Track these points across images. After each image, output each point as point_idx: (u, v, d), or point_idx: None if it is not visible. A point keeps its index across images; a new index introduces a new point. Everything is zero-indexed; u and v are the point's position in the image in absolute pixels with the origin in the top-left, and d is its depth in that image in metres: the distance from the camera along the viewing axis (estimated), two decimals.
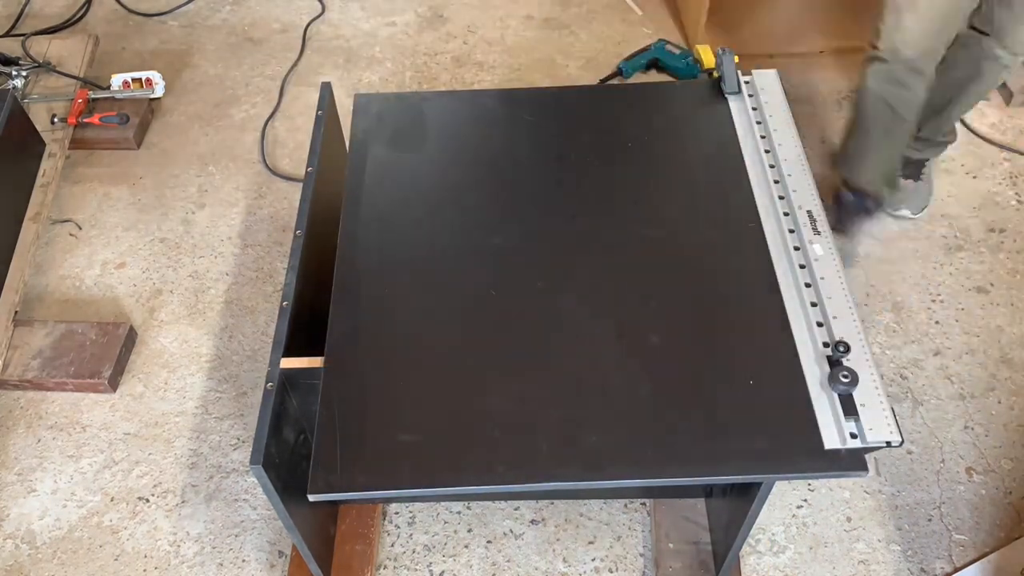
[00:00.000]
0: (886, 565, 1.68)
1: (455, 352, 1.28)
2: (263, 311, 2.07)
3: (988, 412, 1.88)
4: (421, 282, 1.37)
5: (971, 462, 1.81)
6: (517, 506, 1.75)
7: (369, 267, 1.38)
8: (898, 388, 1.91)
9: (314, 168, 1.52)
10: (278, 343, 1.31)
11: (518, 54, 2.67)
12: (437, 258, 1.40)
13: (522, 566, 1.68)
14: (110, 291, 2.12)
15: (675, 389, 1.22)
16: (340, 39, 2.74)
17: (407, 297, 1.35)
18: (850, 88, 2.52)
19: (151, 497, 1.79)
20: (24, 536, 1.74)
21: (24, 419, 1.90)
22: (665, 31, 2.72)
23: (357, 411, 1.21)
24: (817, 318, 1.28)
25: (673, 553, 1.65)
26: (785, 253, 1.36)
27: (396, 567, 1.69)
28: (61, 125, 2.31)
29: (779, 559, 1.69)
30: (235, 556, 1.71)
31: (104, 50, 2.64)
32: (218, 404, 1.92)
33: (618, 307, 1.32)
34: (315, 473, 1.15)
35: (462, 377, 1.25)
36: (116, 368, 1.93)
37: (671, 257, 1.38)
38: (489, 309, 1.32)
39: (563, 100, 1.66)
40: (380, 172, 1.51)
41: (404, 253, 1.40)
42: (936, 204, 2.24)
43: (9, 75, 2.36)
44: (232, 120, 2.51)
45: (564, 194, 1.47)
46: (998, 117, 2.44)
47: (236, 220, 2.26)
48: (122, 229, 2.25)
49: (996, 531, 1.71)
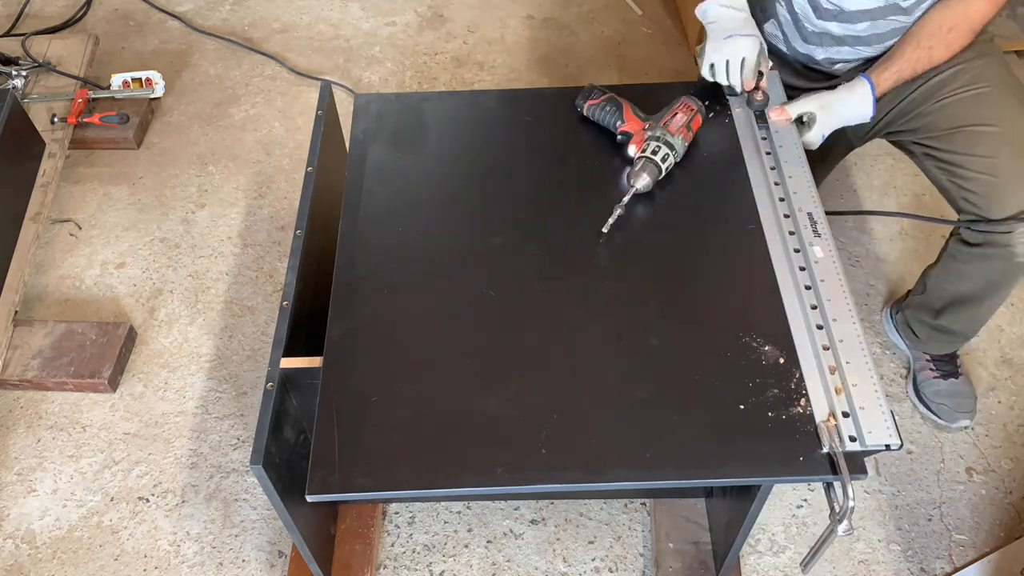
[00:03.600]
0: (886, 565, 1.68)
1: (454, 353, 1.28)
2: (263, 311, 2.07)
3: (988, 412, 1.88)
4: (420, 282, 1.37)
5: (971, 462, 1.81)
6: (517, 506, 1.75)
7: (368, 267, 1.38)
8: (898, 388, 1.91)
9: (314, 168, 1.52)
10: (278, 343, 1.31)
11: (518, 54, 2.67)
12: (436, 258, 1.40)
13: (522, 566, 1.68)
14: (110, 291, 2.12)
15: (675, 391, 1.22)
16: (340, 39, 2.74)
17: (406, 297, 1.35)
18: None
19: (151, 497, 1.79)
20: (24, 536, 1.74)
21: (24, 419, 1.90)
22: (665, 31, 2.72)
23: (356, 411, 1.21)
24: (817, 321, 1.28)
25: (673, 553, 1.65)
26: (785, 255, 1.36)
27: (396, 567, 1.69)
28: (61, 125, 2.31)
29: (779, 559, 1.69)
30: (235, 556, 1.71)
31: (104, 50, 2.64)
32: (218, 404, 1.92)
33: (618, 308, 1.32)
34: (313, 473, 1.15)
35: (461, 378, 1.25)
36: (116, 368, 1.93)
37: (672, 258, 1.38)
38: (488, 310, 1.32)
39: (563, 100, 1.66)
40: (380, 172, 1.51)
41: (403, 253, 1.40)
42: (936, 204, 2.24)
43: (9, 75, 2.36)
44: (232, 120, 2.51)
45: (564, 195, 1.47)
46: None
47: (236, 220, 2.26)
48: (122, 229, 2.25)
49: (996, 531, 1.71)
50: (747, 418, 1.18)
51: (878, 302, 2.05)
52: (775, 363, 1.24)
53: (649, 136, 1.44)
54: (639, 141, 1.45)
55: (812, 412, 1.18)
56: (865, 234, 2.18)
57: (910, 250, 2.15)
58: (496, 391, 1.23)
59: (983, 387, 1.91)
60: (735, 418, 1.19)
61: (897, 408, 1.88)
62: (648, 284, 1.35)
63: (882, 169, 2.33)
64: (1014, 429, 1.85)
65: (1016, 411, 1.88)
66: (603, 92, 1.51)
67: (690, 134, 1.46)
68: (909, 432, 1.85)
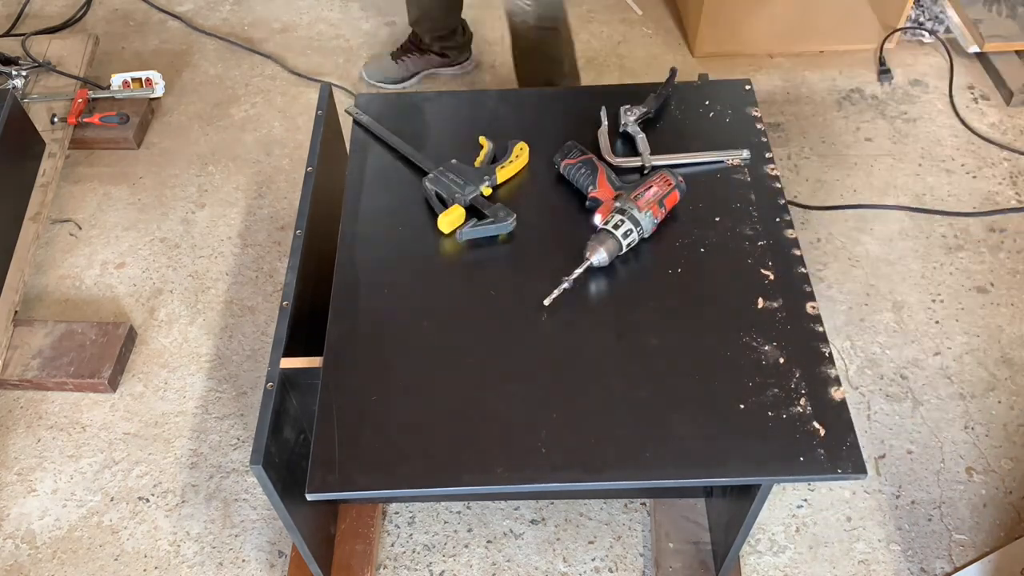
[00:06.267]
0: (886, 565, 1.68)
1: (454, 352, 1.28)
2: (263, 311, 2.07)
3: (988, 412, 1.88)
4: (420, 282, 1.37)
5: (971, 462, 1.81)
6: (517, 506, 1.75)
7: (368, 267, 1.38)
8: (898, 388, 1.91)
9: (314, 168, 1.52)
10: (278, 343, 1.31)
11: None
12: (436, 258, 1.40)
13: (522, 566, 1.68)
14: (110, 291, 2.12)
15: (674, 391, 1.22)
16: (340, 39, 2.74)
17: (406, 297, 1.35)
18: (850, 88, 2.53)
19: (151, 497, 1.79)
20: (24, 536, 1.74)
21: (24, 419, 1.90)
22: (665, 31, 2.72)
23: (356, 411, 1.21)
24: None
25: (673, 553, 1.65)
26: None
27: (396, 567, 1.69)
28: (61, 125, 2.31)
29: (779, 559, 1.69)
30: (235, 556, 1.71)
31: (104, 50, 2.64)
32: (218, 404, 1.92)
33: (618, 308, 1.32)
34: (313, 472, 1.15)
35: (461, 377, 1.25)
36: (116, 368, 1.93)
37: (671, 257, 1.38)
38: (489, 308, 1.32)
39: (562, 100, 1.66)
40: (380, 172, 1.51)
41: (403, 252, 1.40)
42: (936, 204, 2.24)
43: (9, 75, 2.36)
44: (232, 120, 2.51)
45: (564, 191, 1.47)
46: (998, 117, 2.44)
47: (236, 220, 2.26)
48: (122, 229, 2.25)
49: (996, 531, 1.71)
50: (747, 418, 1.18)
51: (878, 302, 2.05)
52: (775, 363, 1.24)
53: (616, 208, 1.35)
54: (605, 211, 1.37)
55: (811, 411, 1.18)
56: (865, 234, 2.19)
57: (910, 250, 2.15)
58: (496, 390, 1.23)
59: (983, 387, 1.91)
60: (735, 418, 1.19)
61: (897, 407, 1.88)
62: (648, 283, 1.35)
63: (882, 169, 2.33)
64: (1014, 429, 1.85)
65: (1016, 411, 1.88)
66: (582, 152, 1.45)
67: (662, 211, 1.37)
68: (909, 432, 1.85)
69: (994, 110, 2.46)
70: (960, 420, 1.86)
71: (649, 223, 1.36)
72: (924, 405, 1.89)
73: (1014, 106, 2.46)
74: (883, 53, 2.58)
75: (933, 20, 2.65)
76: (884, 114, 2.46)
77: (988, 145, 2.37)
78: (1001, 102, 2.48)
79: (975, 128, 2.41)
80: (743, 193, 1.45)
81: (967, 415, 1.87)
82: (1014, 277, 2.10)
